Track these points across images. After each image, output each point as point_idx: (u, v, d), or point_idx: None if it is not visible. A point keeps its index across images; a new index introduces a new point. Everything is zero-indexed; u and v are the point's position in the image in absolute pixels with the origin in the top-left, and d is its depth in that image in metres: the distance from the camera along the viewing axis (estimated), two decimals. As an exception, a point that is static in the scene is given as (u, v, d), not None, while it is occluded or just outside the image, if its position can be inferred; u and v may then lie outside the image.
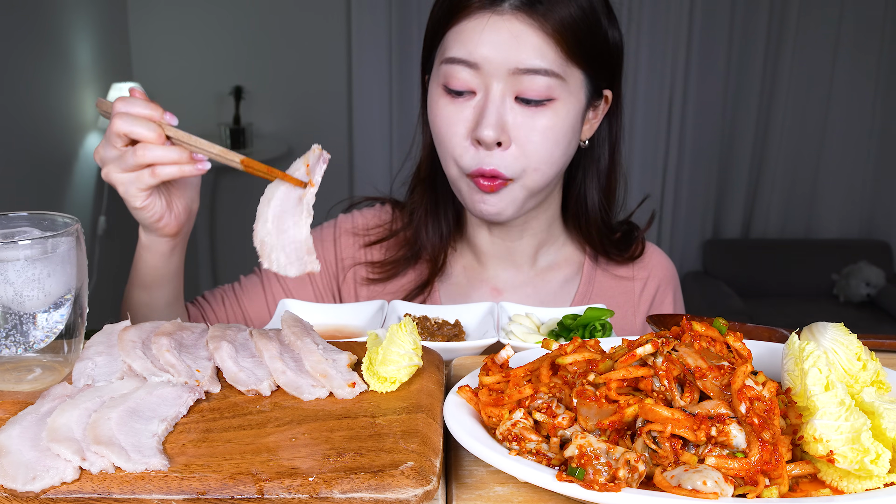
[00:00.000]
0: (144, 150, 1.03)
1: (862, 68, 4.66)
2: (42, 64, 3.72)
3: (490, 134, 1.20)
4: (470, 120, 1.24)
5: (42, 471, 0.71)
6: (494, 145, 1.22)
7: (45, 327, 0.89)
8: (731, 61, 4.72)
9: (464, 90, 1.24)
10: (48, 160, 3.83)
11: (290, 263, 1.00)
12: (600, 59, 1.28)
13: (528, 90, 1.21)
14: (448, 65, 1.24)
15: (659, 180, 4.87)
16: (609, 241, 1.44)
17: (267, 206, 1.01)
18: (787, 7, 4.59)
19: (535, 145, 1.24)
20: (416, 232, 1.44)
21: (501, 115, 1.22)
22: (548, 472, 0.72)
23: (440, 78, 1.26)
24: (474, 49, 1.21)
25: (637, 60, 4.64)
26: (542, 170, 1.26)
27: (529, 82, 1.21)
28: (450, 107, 1.25)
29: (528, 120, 1.23)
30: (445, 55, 1.24)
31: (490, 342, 1.14)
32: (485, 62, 1.21)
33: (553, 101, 1.23)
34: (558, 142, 1.25)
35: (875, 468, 0.70)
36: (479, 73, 1.22)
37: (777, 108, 4.76)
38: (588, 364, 0.83)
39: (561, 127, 1.25)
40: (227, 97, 4.62)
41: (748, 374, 0.76)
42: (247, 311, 1.44)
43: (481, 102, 1.23)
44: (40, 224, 0.92)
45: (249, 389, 0.88)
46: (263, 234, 1.01)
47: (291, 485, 0.71)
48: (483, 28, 1.20)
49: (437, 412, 0.85)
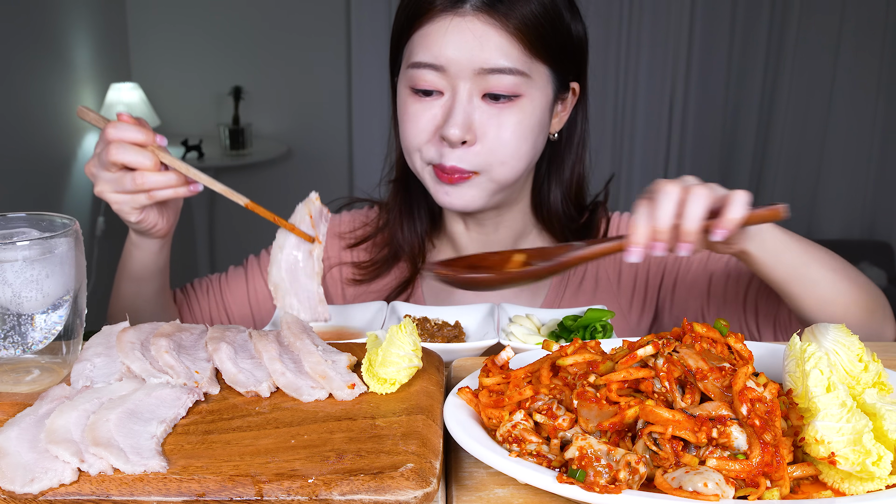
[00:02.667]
0: (143, 178, 1.09)
1: (864, 68, 4.65)
2: (40, 64, 3.71)
3: (456, 133, 1.22)
4: (437, 118, 1.26)
5: (40, 472, 0.71)
6: (459, 143, 1.24)
7: (43, 328, 0.89)
8: (733, 61, 4.71)
9: (431, 90, 1.26)
10: (47, 161, 3.83)
11: (303, 310, 1.09)
12: (564, 53, 1.30)
13: (494, 88, 1.23)
14: (414, 69, 1.26)
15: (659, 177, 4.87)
16: (570, 230, 1.44)
17: (280, 252, 1.10)
18: (789, 7, 4.59)
19: (502, 141, 1.25)
20: (393, 232, 1.46)
21: (468, 114, 1.24)
22: (548, 474, 0.71)
23: (407, 80, 1.28)
24: (439, 52, 1.23)
25: (638, 60, 4.64)
26: (510, 164, 1.28)
27: (495, 81, 1.23)
28: (417, 105, 1.27)
29: (495, 118, 1.24)
30: (411, 59, 1.26)
31: (490, 343, 1.14)
32: (450, 64, 1.23)
33: (519, 98, 1.25)
34: (526, 137, 1.27)
35: (877, 470, 0.70)
36: (445, 74, 1.24)
37: (779, 108, 4.75)
38: (589, 365, 0.82)
39: (528, 122, 1.27)
40: (226, 97, 4.61)
41: (749, 376, 0.76)
42: (228, 304, 1.47)
43: (448, 102, 1.25)
44: (39, 225, 0.91)
45: (248, 391, 0.88)
46: (277, 280, 1.10)
47: (291, 487, 0.70)
48: (446, 30, 1.22)
49: (437, 414, 0.85)
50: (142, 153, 1.08)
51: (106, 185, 1.12)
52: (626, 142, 4.79)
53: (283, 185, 4.77)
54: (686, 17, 4.58)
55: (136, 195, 1.11)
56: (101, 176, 1.12)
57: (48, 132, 3.85)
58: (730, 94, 4.79)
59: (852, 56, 4.62)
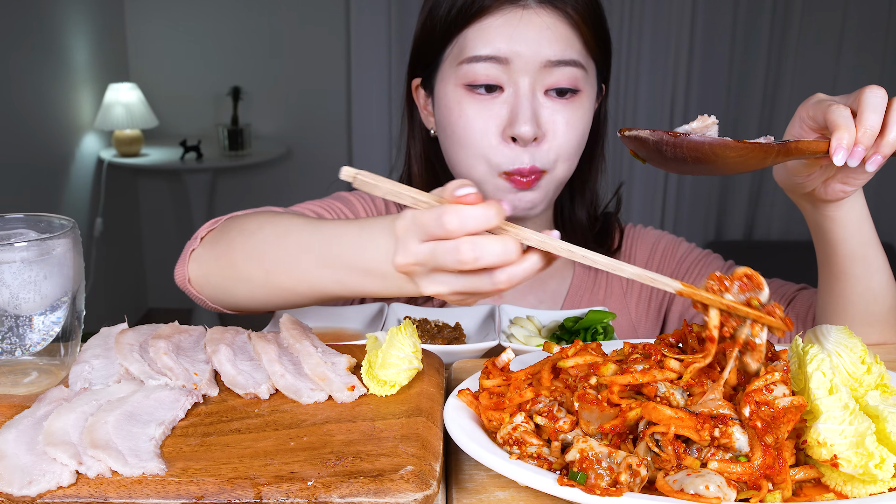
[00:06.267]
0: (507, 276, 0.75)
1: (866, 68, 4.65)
2: (38, 64, 3.71)
3: (528, 130, 1.19)
4: (502, 117, 1.22)
5: (38, 475, 0.71)
6: (531, 141, 1.21)
7: (41, 330, 0.88)
8: (734, 61, 4.71)
9: (495, 85, 1.22)
10: (45, 161, 3.82)
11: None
12: (606, 51, 1.31)
13: (558, 82, 1.21)
14: (471, 64, 1.21)
15: (661, 181, 4.87)
16: (590, 236, 1.43)
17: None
18: (790, 7, 4.59)
19: (566, 138, 1.24)
20: None
21: (535, 109, 1.21)
22: (549, 477, 0.71)
23: (459, 78, 1.23)
24: (502, 45, 1.20)
25: (639, 60, 4.64)
26: (571, 161, 1.27)
27: (560, 75, 1.21)
28: (476, 105, 1.23)
29: (560, 113, 1.23)
30: (467, 54, 1.22)
31: (491, 345, 1.13)
32: (515, 57, 1.20)
33: (579, 93, 1.24)
34: (584, 133, 1.27)
35: (879, 473, 0.69)
36: (506, 69, 1.21)
37: (780, 108, 4.75)
38: (590, 367, 0.82)
39: (585, 118, 1.26)
40: (225, 98, 4.61)
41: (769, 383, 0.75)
42: None
43: (511, 98, 1.22)
44: (37, 226, 0.91)
45: (248, 393, 0.88)
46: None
47: (290, 489, 0.70)
48: (516, 23, 1.20)
49: (437, 416, 0.84)
50: (504, 243, 0.73)
51: (445, 286, 0.78)
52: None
53: (283, 185, 4.76)
54: (687, 17, 4.58)
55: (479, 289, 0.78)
56: (438, 278, 0.77)
57: (47, 133, 3.84)
58: (731, 95, 4.79)
59: (854, 55, 4.62)
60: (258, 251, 0.98)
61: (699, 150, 0.87)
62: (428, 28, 1.29)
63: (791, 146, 0.91)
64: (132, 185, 4.78)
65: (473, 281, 0.76)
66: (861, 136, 0.91)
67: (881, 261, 1.13)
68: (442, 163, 1.36)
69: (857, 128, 0.91)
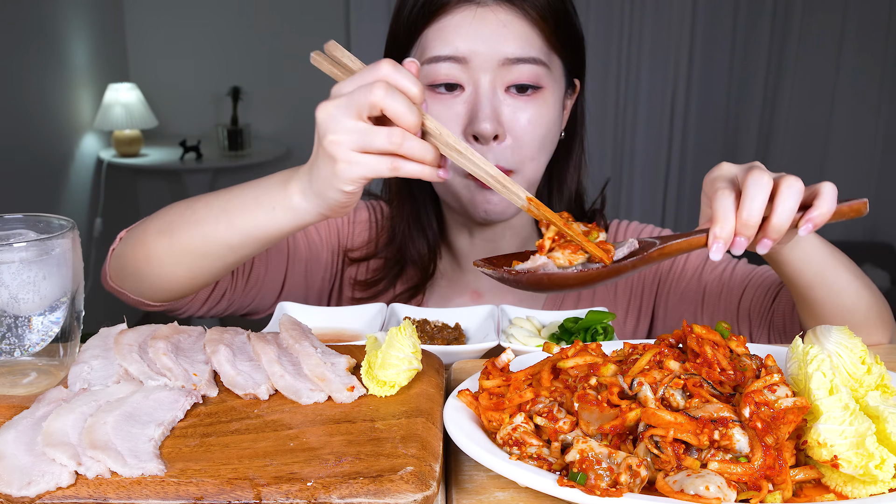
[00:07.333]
0: (403, 139, 0.85)
1: (866, 68, 4.65)
2: (38, 64, 3.71)
3: (488, 127, 1.20)
4: (462, 115, 1.23)
5: (37, 476, 0.71)
6: (491, 139, 1.22)
7: (40, 330, 0.88)
8: (734, 62, 4.71)
9: (455, 83, 1.22)
10: (44, 161, 3.82)
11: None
12: (572, 46, 1.30)
13: (518, 79, 1.21)
14: (432, 64, 1.22)
15: (661, 181, 4.87)
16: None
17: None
18: (791, 7, 4.59)
19: (530, 135, 1.23)
20: (403, 247, 1.41)
21: (495, 106, 1.21)
22: (549, 477, 0.71)
23: (423, 79, 1.23)
24: (461, 44, 1.20)
25: (639, 63, 4.64)
26: (539, 159, 1.27)
27: (518, 72, 1.21)
28: (437, 105, 1.23)
29: (521, 110, 1.23)
30: (427, 55, 1.23)
31: (490, 346, 1.13)
32: (473, 56, 1.20)
33: (541, 90, 1.24)
34: (549, 130, 1.26)
35: (880, 473, 0.69)
36: (466, 67, 1.21)
37: (780, 108, 4.75)
38: (589, 368, 0.82)
39: (550, 115, 1.26)
40: (224, 98, 4.61)
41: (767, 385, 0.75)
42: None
43: (472, 97, 1.22)
44: (36, 226, 0.91)
45: (247, 393, 0.87)
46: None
47: (289, 490, 0.70)
48: (469, 22, 1.20)
49: (436, 416, 0.84)
50: (410, 107, 0.84)
51: (347, 135, 0.86)
52: (626, 144, 4.79)
53: (282, 186, 4.75)
54: (688, 17, 4.58)
55: (377, 164, 0.86)
56: (344, 124, 0.86)
57: (46, 133, 3.84)
58: (732, 95, 4.79)
59: (855, 56, 4.62)
60: (168, 223, 1.08)
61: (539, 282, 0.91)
62: (394, 30, 1.30)
63: (654, 255, 0.89)
64: (132, 185, 4.78)
65: (373, 134, 0.85)
66: (740, 227, 0.87)
67: (844, 279, 1.09)
68: None
69: (737, 218, 0.87)
